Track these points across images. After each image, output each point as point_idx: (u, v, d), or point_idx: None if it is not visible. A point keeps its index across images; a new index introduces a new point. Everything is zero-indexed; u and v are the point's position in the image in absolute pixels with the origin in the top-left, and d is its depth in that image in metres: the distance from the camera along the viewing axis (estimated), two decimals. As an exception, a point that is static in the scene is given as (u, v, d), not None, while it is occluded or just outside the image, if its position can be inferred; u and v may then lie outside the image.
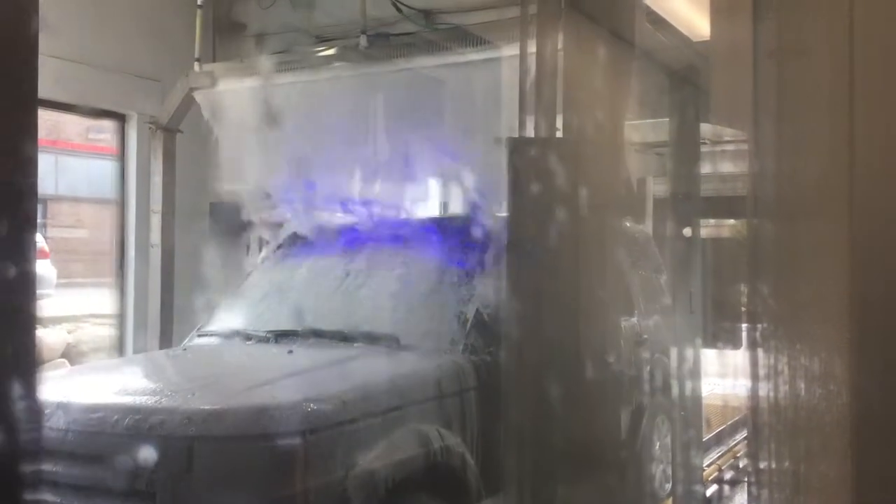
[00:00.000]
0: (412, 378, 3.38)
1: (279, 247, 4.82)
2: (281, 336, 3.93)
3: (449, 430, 3.35)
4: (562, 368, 2.92)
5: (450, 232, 4.31)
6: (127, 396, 3.14)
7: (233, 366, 3.87)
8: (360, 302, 4.06)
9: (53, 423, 2.92)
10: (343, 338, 3.82)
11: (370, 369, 3.45)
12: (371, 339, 3.78)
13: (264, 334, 4.00)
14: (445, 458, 3.26)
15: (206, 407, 2.93)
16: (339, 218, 5.00)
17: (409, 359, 3.58)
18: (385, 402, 3.13)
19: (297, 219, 4.97)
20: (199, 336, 4.29)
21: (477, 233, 4.19)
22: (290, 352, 3.73)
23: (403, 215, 5.00)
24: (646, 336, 4.76)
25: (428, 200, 5.40)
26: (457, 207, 5.07)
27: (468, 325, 3.77)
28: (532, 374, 2.89)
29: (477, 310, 3.81)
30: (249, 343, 4.03)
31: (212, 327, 4.31)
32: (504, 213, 4.29)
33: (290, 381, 3.27)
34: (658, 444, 4.84)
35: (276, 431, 2.80)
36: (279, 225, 5.04)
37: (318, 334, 3.88)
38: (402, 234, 4.43)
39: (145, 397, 3.07)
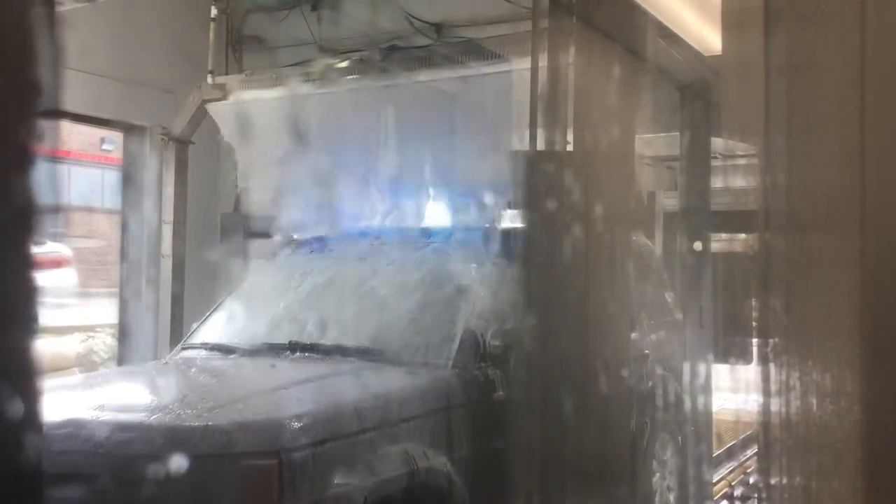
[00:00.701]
0: (397, 395, 3.25)
1: (271, 257, 4.74)
2: (266, 350, 3.80)
3: (435, 449, 3.21)
4: (566, 382, 2.90)
5: (444, 243, 4.21)
6: (89, 412, 2.98)
7: (208, 381, 3.71)
8: (350, 315, 3.96)
9: None
10: (330, 352, 3.69)
11: (353, 385, 3.30)
12: (358, 353, 3.65)
13: (250, 347, 3.87)
14: (430, 478, 3.12)
15: (170, 425, 2.79)
16: (338, 229, 4.97)
17: (395, 374, 3.45)
18: (366, 420, 3.00)
19: (292, 230, 4.95)
20: (185, 349, 4.15)
21: (473, 245, 4.10)
22: (273, 366, 3.60)
23: (407, 227, 4.97)
24: (647, 352, 4.68)
25: (435, 212, 5.40)
26: (464, 220, 5.02)
27: (458, 339, 3.64)
28: (535, 388, 2.88)
29: (467, 324, 3.69)
30: (234, 357, 3.89)
31: (197, 339, 4.17)
32: (504, 225, 4.28)
33: (265, 398, 3.13)
34: (659, 463, 4.67)
35: (243, 451, 2.68)
36: (271, 237, 5.03)
37: (304, 348, 3.73)
38: (397, 246, 4.35)
39: (109, 414, 2.95)
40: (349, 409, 3.00)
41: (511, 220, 4.39)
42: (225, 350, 3.98)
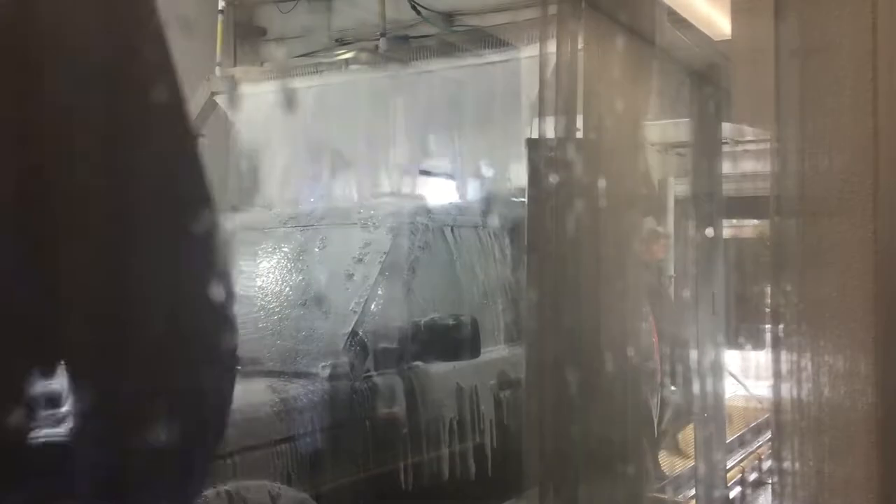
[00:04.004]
0: (251, 414, 2.59)
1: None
2: None
3: (299, 481, 2.64)
4: (574, 375, 2.86)
5: (353, 235, 3.59)
6: None
7: None
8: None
9: None
10: None
11: None
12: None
13: None
14: None
15: None
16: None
17: (259, 388, 2.81)
18: None
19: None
20: None
21: (392, 236, 3.48)
22: None
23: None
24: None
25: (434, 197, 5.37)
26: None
27: (342, 343, 3.04)
28: (542, 373, 2.85)
29: (357, 324, 3.08)
30: None
31: None
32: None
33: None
34: None
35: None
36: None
37: None
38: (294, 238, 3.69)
39: None
40: None
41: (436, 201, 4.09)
42: None
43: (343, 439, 2.87)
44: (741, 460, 5.46)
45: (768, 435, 5.11)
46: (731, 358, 5.38)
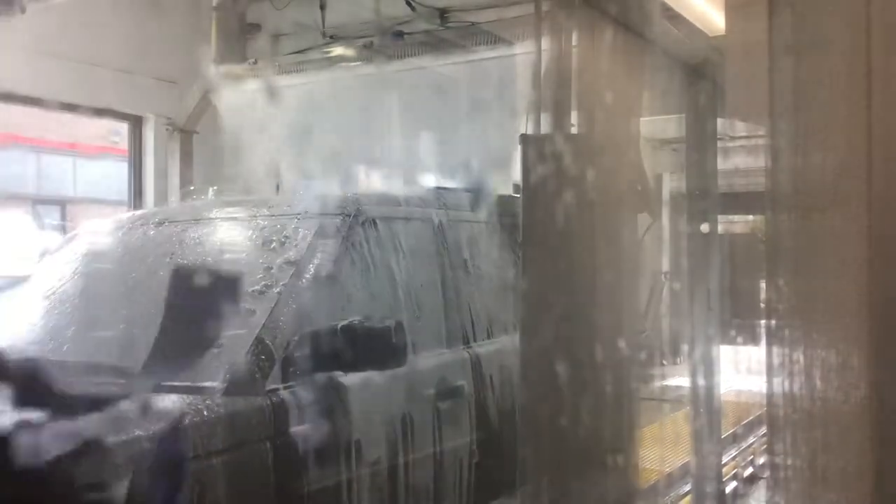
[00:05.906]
0: (117, 437, 2.19)
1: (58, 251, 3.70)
2: None
3: None
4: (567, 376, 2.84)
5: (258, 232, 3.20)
6: None
7: None
8: (110, 324, 2.96)
9: None
10: (65, 373, 2.69)
11: (42, 426, 2.24)
12: (85, 373, 2.72)
13: None
14: None
15: None
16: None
17: (129, 407, 2.39)
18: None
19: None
20: None
21: (300, 236, 3.08)
22: None
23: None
24: None
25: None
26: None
27: (244, 351, 2.63)
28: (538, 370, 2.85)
29: (261, 335, 2.68)
30: None
31: None
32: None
33: None
34: None
35: None
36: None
37: None
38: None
39: None
40: None
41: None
42: None
43: (238, 464, 2.44)
44: (737, 454, 5.48)
45: (763, 429, 5.13)
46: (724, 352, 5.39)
